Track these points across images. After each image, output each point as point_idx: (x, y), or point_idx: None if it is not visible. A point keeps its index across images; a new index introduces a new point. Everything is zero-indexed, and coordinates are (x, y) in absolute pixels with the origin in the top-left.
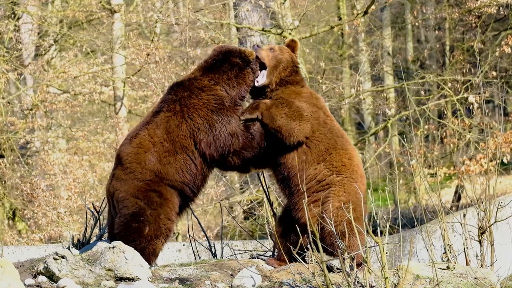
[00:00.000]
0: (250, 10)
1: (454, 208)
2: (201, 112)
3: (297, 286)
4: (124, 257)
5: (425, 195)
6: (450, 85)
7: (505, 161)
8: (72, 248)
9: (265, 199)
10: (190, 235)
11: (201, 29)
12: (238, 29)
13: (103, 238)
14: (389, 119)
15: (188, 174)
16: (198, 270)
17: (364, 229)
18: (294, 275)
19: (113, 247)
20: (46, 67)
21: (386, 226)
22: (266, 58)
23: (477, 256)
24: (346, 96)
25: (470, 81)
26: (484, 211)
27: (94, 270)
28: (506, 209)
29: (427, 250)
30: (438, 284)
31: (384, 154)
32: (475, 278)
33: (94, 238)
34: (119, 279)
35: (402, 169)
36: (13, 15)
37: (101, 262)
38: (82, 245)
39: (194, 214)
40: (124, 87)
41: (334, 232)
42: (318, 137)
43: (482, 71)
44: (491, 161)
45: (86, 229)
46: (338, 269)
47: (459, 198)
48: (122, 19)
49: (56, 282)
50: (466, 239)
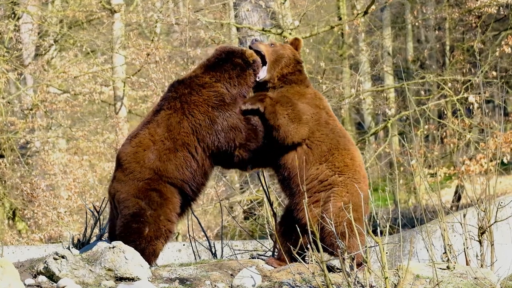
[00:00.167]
0: (250, 10)
1: (454, 208)
2: (201, 108)
3: (297, 286)
4: (124, 257)
5: (425, 195)
6: (450, 85)
7: (505, 161)
8: (72, 248)
9: (265, 199)
10: (190, 235)
11: (201, 29)
12: (238, 29)
13: (103, 238)
14: (389, 119)
15: (188, 171)
16: (198, 270)
17: (364, 229)
18: (294, 275)
19: (113, 247)
20: (46, 67)
21: (386, 226)
22: (266, 52)
23: (477, 256)
24: (346, 96)
25: (470, 81)
26: (484, 211)
27: (94, 270)
28: (506, 209)
29: (427, 250)
30: (438, 284)
31: (384, 154)
32: (475, 278)
33: (94, 238)
34: (119, 279)
35: (402, 169)
36: (13, 15)
37: (101, 262)
38: (82, 245)
39: (194, 214)
40: (124, 87)
41: (334, 232)
42: (320, 137)
43: (482, 71)
44: (491, 161)
45: (86, 229)
46: (338, 269)
47: (459, 198)
48: (122, 19)
49: (56, 282)
50: (466, 239)
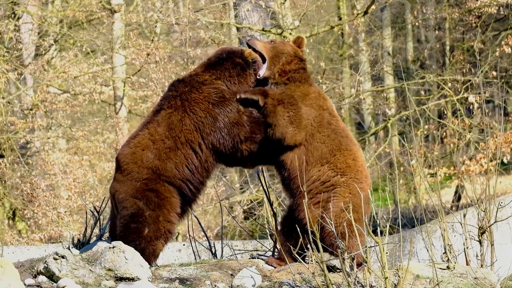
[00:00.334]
0: (250, 10)
1: (454, 208)
2: (202, 105)
3: (297, 286)
4: (124, 257)
5: (425, 195)
6: (450, 85)
7: (505, 161)
8: (72, 248)
9: (265, 199)
10: (190, 235)
11: (201, 29)
12: (238, 29)
13: (103, 238)
14: (389, 119)
15: (187, 170)
16: (198, 270)
17: (364, 230)
18: (294, 275)
19: (113, 247)
20: (46, 67)
21: (386, 226)
22: (264, 48)
23: (477, 256)
24: (346, 96)
25: (470, 81)
26: (484, 211)
27: (94, 270)
28: (506, 209)
29: (427, 250)
30: (438, 284)
31: (384, 154)
32: (475, 278)
33: (94, 238)
34: (119, 279)
35: (402, 169)
36: (13, 15)
37: (101, 262)
38: (82, 245)
39: (194, 214)
40: (124, 87)
41: (334, 232)
42: (320, 139)
43: (482, 71)
44: (491, 161)
45: (86, 229)
46: (338, 269)
47: (459, 198)
48: (122, 19)
49: (56, 282)
50: (466, 239)
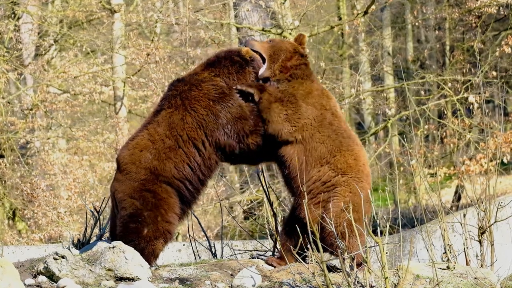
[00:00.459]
0: (250, 10)
1: (454, 208)
2: (202, 103)
3: (297, 286)
4: (124, 257)
5: (425, 195)
6: (450, 85)
7: (505, 161)
8: (72, 248)
9: (265, 199)
10: (190, 235)
11: (201, 29)
12: (238, 29)
13: (103, 238)
14: (389, 119)
15: (189, 168)
16: (198, 270)
17: (364, 229)
18: (294, 275)
19: (113, 247)
20: (46, 67)
21: (386, 226)
22: (262, 48)
23: (477, 256)
24: (346, 96)
25: (470, 81)
26: (484, 211)
27: (94, 270)
28: (506, 209)
29: (427, 250)
30: (438, 284)
31: (384, 154)
32: (475, 278)
33: (94, 238)
34: (119, 279)
35: (402, 169)
36: (13, 15)
37: (101, 262)
38: (82, 245)
39: (194, 214)
40: (124, 87)
41: (334, 232)
42: (320, 138)
43: (482, 71)
44: (491, 161)
45: (86, 229)
46: (338, 269)
47: (459, 198)
48: (122, 19)
49: (56, 282)
50: (466, 239)
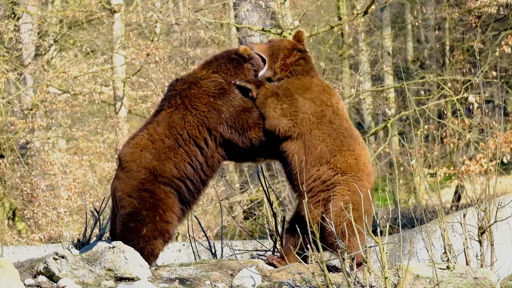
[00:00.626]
0: (250, 10)
1: (454, 208)
2: (203, 100)
3: (297, 286)
4: (124, 257)
5: (425, 195)
6: (450, 85)
7: (505, 161)
8: (72, 248)
9: (265, 199)
10: (190, 235)
11: (201, 29)
12: (238, 29)
13: (103, 238)
14: (389, 119)
15: (190, 167)
16: (198, 270)
17: (364, 228)
18: (294, 275)
19: (113, 247)
20: (46, 67)
21: (386, 226)
22: (261, 49)
23: (477, 256)
24: (346, 96)
25: (470, 81)
26: (484, 211)
27: (94, 270)
28: (506, 209)
29: (427, 250)
30: (438, 284)
31: (384, 154)
32: (475, 278)
33: (94, 238)
34: (119, 279)
35: (402, 169)
36: (13, 15)
37: (101, 262)
38: (82, 245)
39: (194, 215)
40: (124, 87)
41: (334, 232)
42: (320, 136)
43: (482, 71)
44: (491, 161)
45: (86, 229)
46: (339, 269)
47: (459, 198)
48: (122, 19)
49: (56, 282)
50: (466, 239)
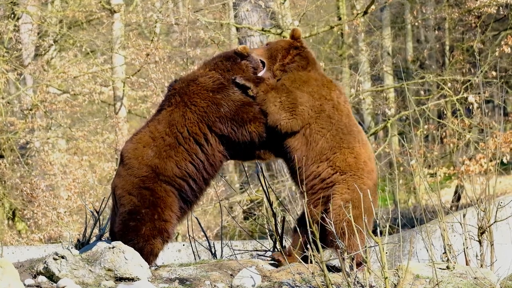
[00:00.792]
0: (250, 10)
1: (454, 208)
2: (202, 95)
3: (297, 286)
4: (124, 257)
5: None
6: (449, 85)
7: (504, 161)
8: (72, 248)
9: (264, 199)
10: (190, 235)
11: (200, 29)
12: (237, 29)
13: (103, 238)
14: (389, 119)
15: (192, 165)
16: (198, 270)
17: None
18: (294, 275)
19: (112, 247)
20: (46, 67)
21: (386, 226)
22: (259, 53)
23: (477, 256)
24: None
25: (470, 81)
26: (484, 211)
27: (94, 270)
28: (506, 209)
29: (427, 250)
30: (438, 284)
31: (384, 154)
32: (475, 278)
33: (94, 238)
34: (119, 279)
35: (402, 169)
36: (12, 15)
37: (101, 262)
38: (82, 245)
39: (193, 215)
40: (123, 87)
41: (334, 231)
42: (320, 131)
43: (482, 71)
44: (491, 161)
45: (86, 229)
46: (339, 269)
47: (459, 198)
48: (121, 19)
49: (56, 282)
50: (466, 239)
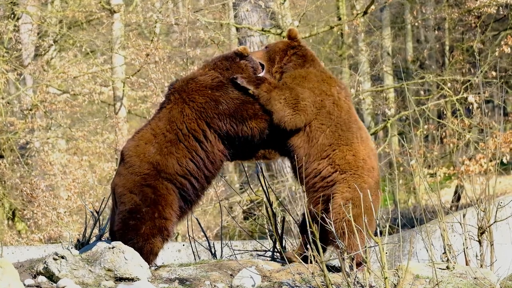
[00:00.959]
0: (250, 10)
1: (453, 208)
2: (200, 92)
3: (296, 286)
4: (123, 257)
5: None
6: (449, 85)
7: (504, 161)
8: (71, 248)
9: (264, 199)
10: (189, 235)
11: (200, 29)
12: (237, 29)
13: (103, 238)
14: (388, 119)
15: (192, 163)
16: (198, 270)
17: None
18: (294, 275)
19: (112, 247)
20: (46, 67)
21: (386, 226)
22: (259, 56)
23: (476, 256)
24: None
25: (469, 81)
26: (483, 211)
27: (93, 270)
28: (505, 209)
29: (427, 250)
30: (437, 284)
31: (383, 154)
32: (475, 278)
33: (94, 239)
34: (119, 279)
35: (401, 169)
36: (12, 15)
37: (100, 262)
38: (82, 245)
39: (193, 215)
40: (123, 87)
41: (334, 231)
42: (320, 127)
43: (481, 71)
44: (491, 161)
45: (85, 229)
46: (338, 269)
47: (459, 198)
48: (121, 19)
49: (55, 282)
50: (465, 239)
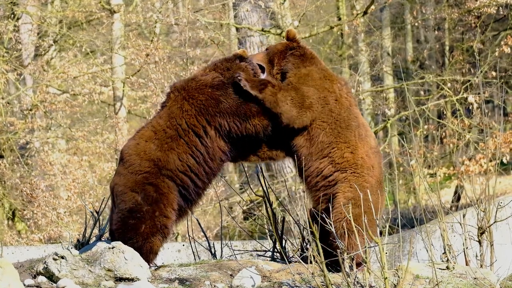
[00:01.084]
0: (250, 10)
1: (453, 208)
2: (200, 90)
3: (296, 286)
4: (123, 257)
5: (424, 195)
6: (449, 85)
7: (504, 161)
8: (71, 248)
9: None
10: (189, 236)
11: (200, 29)
12: (237, 29)
13: (103, 239)
14: (388, 119)
15: (192, 158)
16: (198, 270)
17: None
18: (293, 276)
19: (112, 248)
20: (46, 67)
21: (386, 226)
22: (259, 59)
23: (476, 256)
24: None
25: (469, 81)
26: (483, 211)
27: (93, 271)
28: (505, 209)
29: (427, 250)
30: (437, 284)
31: (383, 154)
32: (475, 278)
33: (94, 239)
34: (119, 279)
35: (401, 169)
36: (12, 15)
37: (100, 263)
38: (82, 245)
39: (193, 215)
40: (123, 87)
41: (334, 231)
42: (321, 125)
43: (481, 71)
44: (491, 161)
45: (85, 229)
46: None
47: (459, 198)
48: (121, 19)
49: (55, 283)
50: (465, 239)
